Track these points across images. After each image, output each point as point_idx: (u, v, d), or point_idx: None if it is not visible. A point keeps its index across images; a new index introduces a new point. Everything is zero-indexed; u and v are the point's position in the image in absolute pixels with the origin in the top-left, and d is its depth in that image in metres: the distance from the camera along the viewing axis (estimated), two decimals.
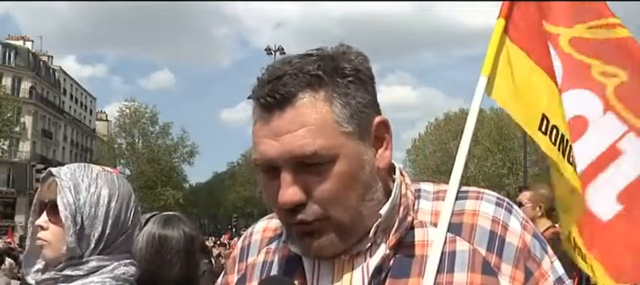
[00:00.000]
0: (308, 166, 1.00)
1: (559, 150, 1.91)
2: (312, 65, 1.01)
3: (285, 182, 1.00)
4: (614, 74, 1.94)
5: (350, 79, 1.03)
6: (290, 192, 1.00)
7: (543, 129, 1.90)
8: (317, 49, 1.06)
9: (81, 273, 1.47)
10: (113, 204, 1.53)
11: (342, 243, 1.05)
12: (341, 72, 1.03)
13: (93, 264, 1.48)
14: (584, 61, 1.97)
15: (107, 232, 1.51)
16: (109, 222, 1.51)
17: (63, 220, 1.47)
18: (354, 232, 1.05)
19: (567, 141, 1.90)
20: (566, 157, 1.92)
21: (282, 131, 0.99)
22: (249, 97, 1.05)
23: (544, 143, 1.89)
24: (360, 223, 1.05)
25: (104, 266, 1.50)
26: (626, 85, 1.93)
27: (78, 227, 1.47)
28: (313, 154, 0.99)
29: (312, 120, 0.99)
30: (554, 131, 1.90)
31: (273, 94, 1.00)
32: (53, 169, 1.56)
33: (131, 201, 1.58)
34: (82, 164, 1.59)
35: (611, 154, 1.92)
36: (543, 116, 1.90)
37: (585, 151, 1.92)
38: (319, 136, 0.99)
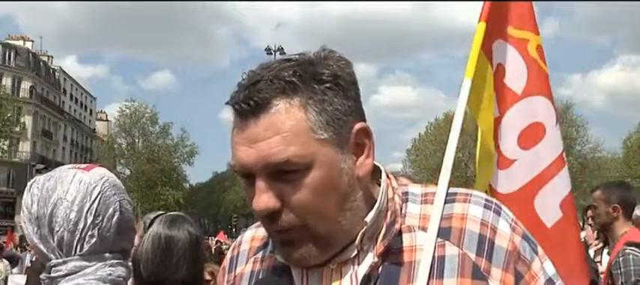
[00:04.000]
0: (283, 174, 0.98)
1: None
2: (288, 71, 0.99)
3: (259, 189, 0.99)
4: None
5: (327, 85, 1.01)
6: (264, 199, 0.99)
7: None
8: (299, 54, 1.05)
9: (62, 273, 1.46)
10: (67, 205, 1.47)
11: (321, 253, 1.03)
12: (318, 78, 1.00)
13: (70, 266, 1.46)
14: (544, 70, 2.11)
15: (66, 235, 1.46)
16: (65, 224, 1.46)
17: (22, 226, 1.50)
18: (333, 242, 1.04)
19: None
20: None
21: (257, 138, 0.98)
22: (226, 103, 1.03)
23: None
24: (338, 232, 1.03)
25: (84, 268, 1.46)
26: None
27: (37, 230, 1.48)
28: (286, 162, 0.97)
29: (286, 127, 0.97)
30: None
31: (248, 100, 0.98)
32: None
33: (94, 201, 1.49)
34: (59, 168, 1.57)
35: (559, 164, 2.08)
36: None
37: (540, 158, 2.06)
38: (293, 144, 0.97)
